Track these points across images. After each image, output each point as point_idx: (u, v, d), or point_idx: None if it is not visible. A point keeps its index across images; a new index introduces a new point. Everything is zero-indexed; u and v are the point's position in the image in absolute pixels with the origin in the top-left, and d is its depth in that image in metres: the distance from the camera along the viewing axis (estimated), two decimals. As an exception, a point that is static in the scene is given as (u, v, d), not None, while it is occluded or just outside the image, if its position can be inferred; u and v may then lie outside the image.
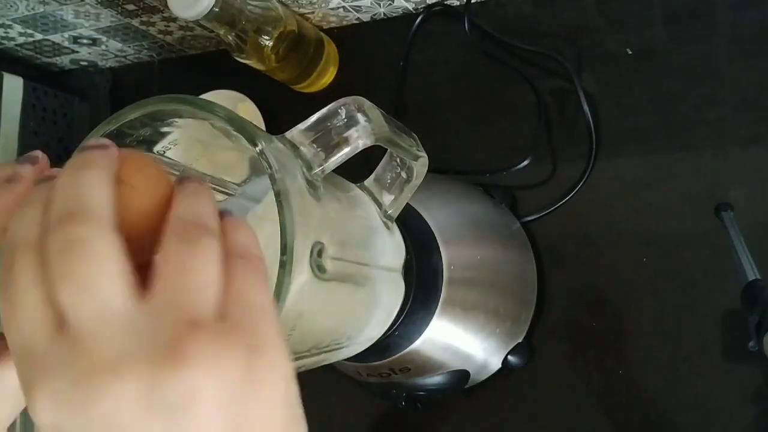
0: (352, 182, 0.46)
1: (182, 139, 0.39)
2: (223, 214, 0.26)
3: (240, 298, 0.23)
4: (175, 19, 0.78)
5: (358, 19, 0.77)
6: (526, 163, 0.65)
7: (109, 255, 0.22)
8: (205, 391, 0.20)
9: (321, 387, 0.68)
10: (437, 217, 0.55)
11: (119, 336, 0.20)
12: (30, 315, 0.21)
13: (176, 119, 0.36)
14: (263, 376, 0.22)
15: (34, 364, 0.21)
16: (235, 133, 0.33)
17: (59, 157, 0.80)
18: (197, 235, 0.23)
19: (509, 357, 0.60)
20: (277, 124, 0.76)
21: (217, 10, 0.60)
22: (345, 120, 0.37)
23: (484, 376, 0.61)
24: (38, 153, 0.28)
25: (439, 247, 0.54)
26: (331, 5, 0.73)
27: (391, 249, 0.46)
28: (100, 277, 0.21)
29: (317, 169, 0.36)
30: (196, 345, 0.20)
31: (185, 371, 0.20)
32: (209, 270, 0.23)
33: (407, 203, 0.47)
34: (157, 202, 0.25)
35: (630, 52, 0.65)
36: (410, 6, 0.74)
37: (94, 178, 0.23)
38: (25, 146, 0.76)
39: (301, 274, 0.32)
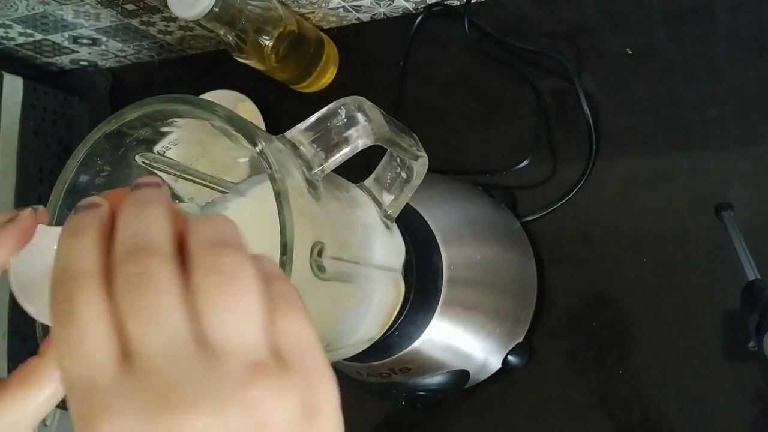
0: (352, 182, 0.46)
1: (182, 139, 0.39)
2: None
3: (284, 331, 0.23)
4: (175, 19, 0.78)
5: (358, 19, 0.77)
6: (526, 163, 0.65)
7: (175, 290, 0.22)
8: (274, 424, 0.21)
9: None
10: (437, 217, 0.55)
11: (188, 373, 0.21)
12: (95, 346, 0.21)
13: (176, 119, 0.36)
14: (321, 410, 0.23)
15: (96, 399, 0.21)
16: (235, 133, 0.33)
17: (59, 157, 0.80)
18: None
19: (509, 357, 0.60)
20: (277, 124, 0.76)
21: (217, 10, 0.60)
22: (345, 120, 0.37)
23: (484, 376, 0.61)
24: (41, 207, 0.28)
25: (439, 247, 0.54)
26: (331, 5, 0.73)
27: (391, 249, 0.46)
28: (169, 310, 0.22)
29: (317, 169, 0.36)
30: (263, 387, 0.21)
31: (254, 410, 0.21)
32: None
33: (407, 203, 0.47)
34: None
35: (630, 52, 0.65)
36: (410, 6, 0.74)
37: (159, 214, 0.24)
38: (25, 146, 0.76)
39: (301, 274, 0.32)
